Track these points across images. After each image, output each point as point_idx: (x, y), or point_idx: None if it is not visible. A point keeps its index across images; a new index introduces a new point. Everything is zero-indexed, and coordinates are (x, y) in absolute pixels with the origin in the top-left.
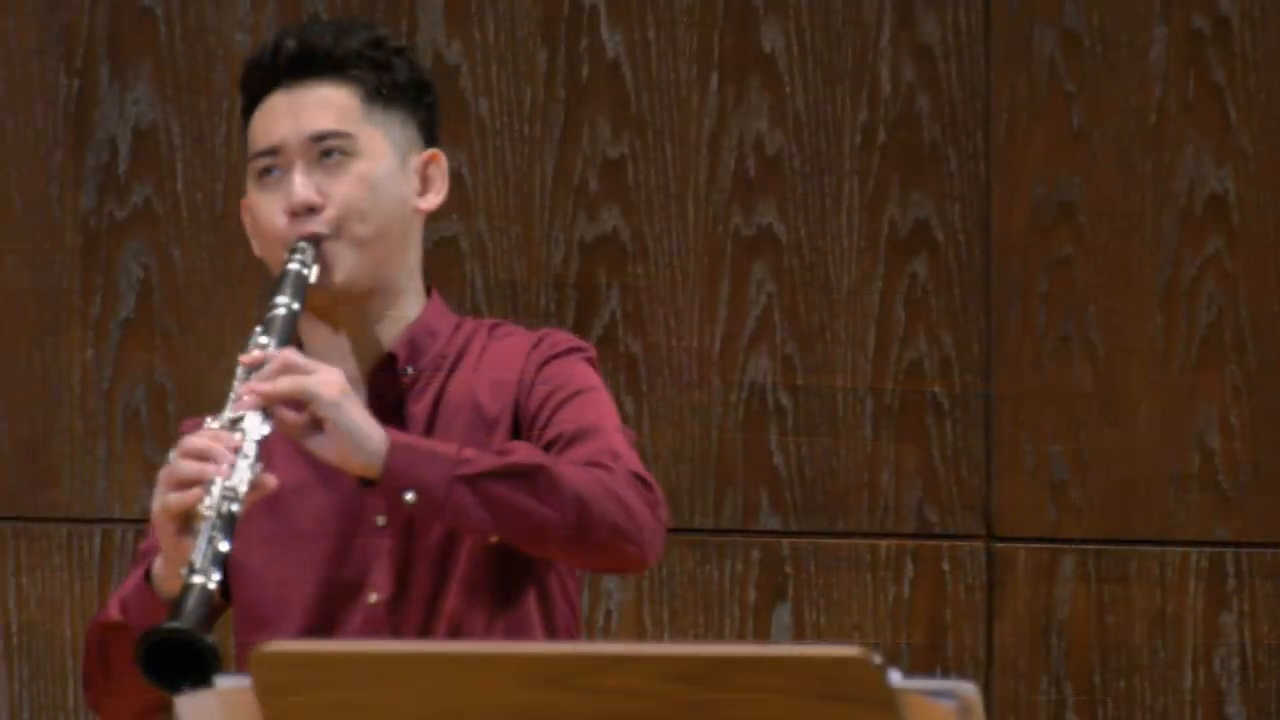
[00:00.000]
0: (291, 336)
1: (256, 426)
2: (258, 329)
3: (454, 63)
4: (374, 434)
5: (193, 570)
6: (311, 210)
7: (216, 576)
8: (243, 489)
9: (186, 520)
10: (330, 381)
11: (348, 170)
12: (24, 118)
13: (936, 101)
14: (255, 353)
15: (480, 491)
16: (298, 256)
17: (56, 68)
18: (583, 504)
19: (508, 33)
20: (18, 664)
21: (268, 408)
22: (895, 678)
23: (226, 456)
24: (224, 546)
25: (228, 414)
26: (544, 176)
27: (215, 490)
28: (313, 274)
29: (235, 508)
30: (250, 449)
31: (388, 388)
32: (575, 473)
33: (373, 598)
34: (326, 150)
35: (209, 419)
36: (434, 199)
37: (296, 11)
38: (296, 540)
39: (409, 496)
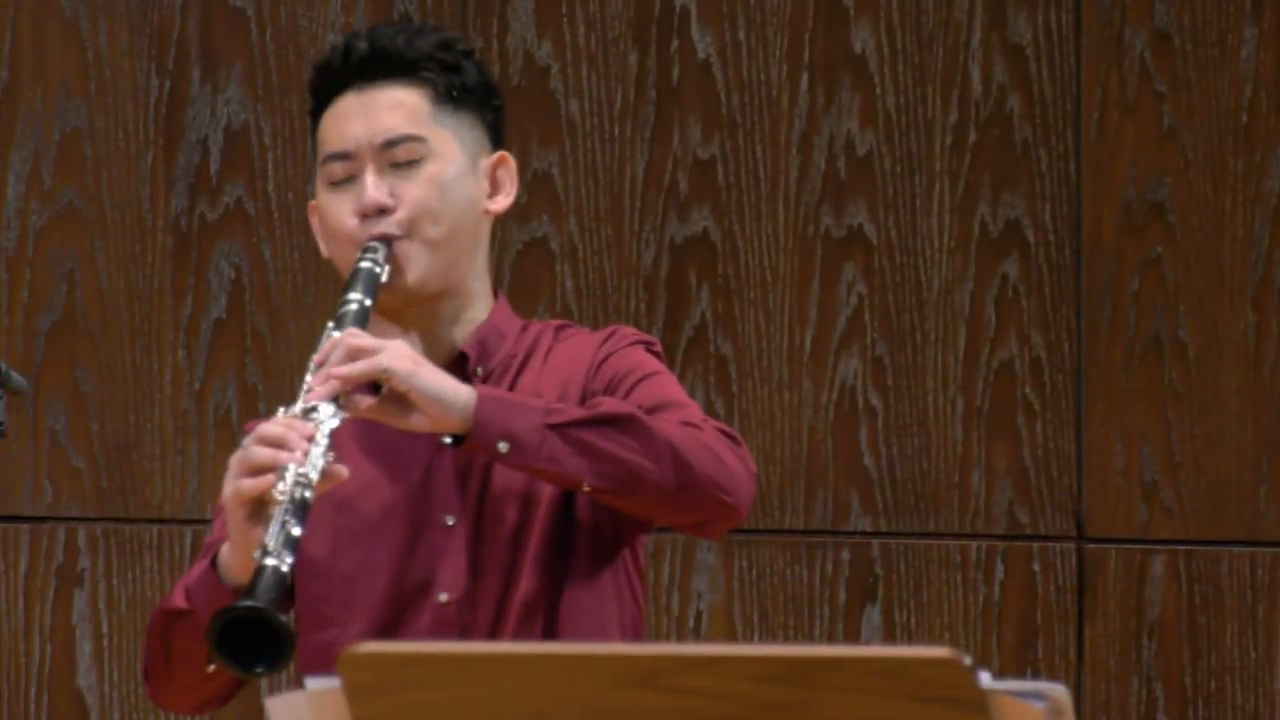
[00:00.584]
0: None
1: (329, 415)
2: (330, 324)
3: (544, 63)
4: (460, 389)
5: (266, 552)
6: (383, 212)
7: (289, 560)
8: (315, 476)
9: (258, 506)
10: (401, 354)
11: (419, 172)
12: (115, 119)
13: (1027, 102)
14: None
15: (572, 439)
16: (370, 255)
17: (148, 69)
18: (676, 452)
19: (598, 34)
20: (108, 665)
21: (339, 397)
22: (985, 679)
23: (300, 444)
24: (297, 531)
25: (299, 405)
26: (634, 177)
27: (289, 476)
28: (384, 274)
29: (308, 494)
30: (323, 437)
31: None
32: (665, 425)
33: (443, 597)
34: (398, 153)
35: (281, 410)
36: (503, 201)
37: (387, 11)
38: (363, 539)
39: (502, 447)
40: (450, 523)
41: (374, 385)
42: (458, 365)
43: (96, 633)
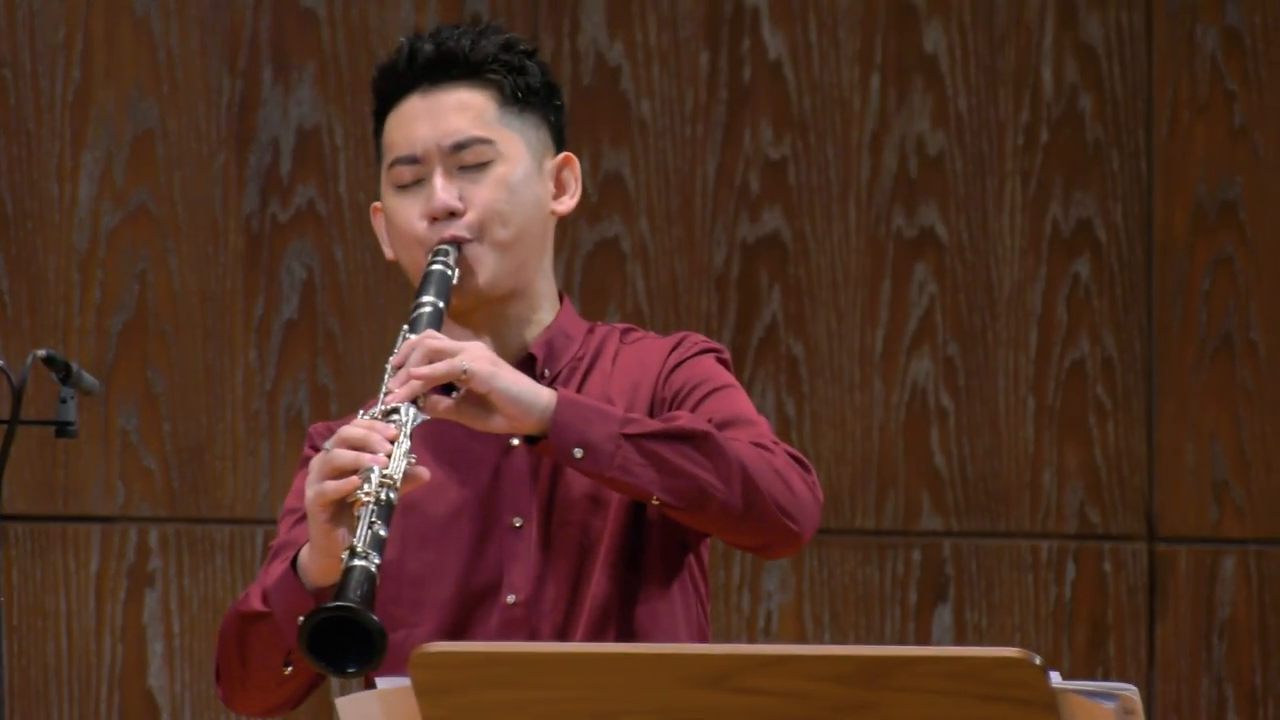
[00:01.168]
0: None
1: (410, 417)
2: (405, 327)
3: (615, 64)
4: (540, 391)
5: (354, 554)
6: (452, 215)
7: (377, 560)
8: (399, 477)
9: (340, 509)
10: (480, 355)
11: (487, 174)
12: (187, 120)
13: (1099, 101)
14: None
15: (646, 451)
16: (441, 258)
17: (220, 70)
18: (746, 474)
19: (670, 34)
20: (179, 665)
21: (418, 399)
22: (1056, 679)
23: (383, 445)
24: (383, 532)
25: (379, 408)
26: (705, 177)
27: (373, 478)
28: (454, 277)
29: (393, 495)
30: (405, 439)
31: None
32: (738, 445)
33: (511, 598)
34: (466, 155)
35: (361, 412)
36: (569, 202)
37: (458, 12)
38: (432, 540)
39: (577, 452)
40: (518, 524)
41: (447, 387)
42: (526, 367)
43: (168, 633)
